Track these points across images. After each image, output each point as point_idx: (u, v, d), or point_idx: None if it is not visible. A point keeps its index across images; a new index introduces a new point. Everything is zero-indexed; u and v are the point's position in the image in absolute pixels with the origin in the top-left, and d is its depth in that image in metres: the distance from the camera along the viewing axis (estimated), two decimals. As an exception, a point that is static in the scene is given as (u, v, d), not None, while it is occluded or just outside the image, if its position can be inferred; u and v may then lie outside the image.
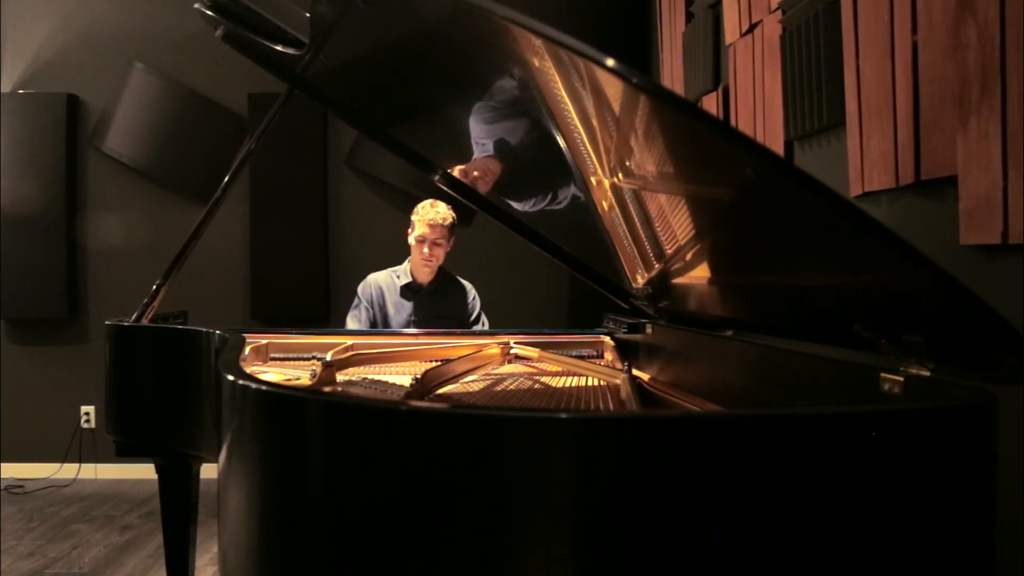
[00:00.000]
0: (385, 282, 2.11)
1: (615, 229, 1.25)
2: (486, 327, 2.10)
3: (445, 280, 2.12)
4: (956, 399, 0.65)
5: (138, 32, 3.04)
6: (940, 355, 0.70)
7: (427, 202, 2.07)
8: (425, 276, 2.09)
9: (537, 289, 2.91)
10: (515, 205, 1.50)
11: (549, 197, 1.40)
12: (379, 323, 2.09)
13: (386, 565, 0.64)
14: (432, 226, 2.02)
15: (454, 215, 2.06)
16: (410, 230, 2.07)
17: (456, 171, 1.50)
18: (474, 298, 2.13)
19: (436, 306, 2.09)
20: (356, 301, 2.12)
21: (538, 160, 1.36)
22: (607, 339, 1.55)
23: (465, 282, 2.15)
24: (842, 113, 1.31)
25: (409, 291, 2.10)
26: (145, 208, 3.07)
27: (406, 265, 2.11)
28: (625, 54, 1.31)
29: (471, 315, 2.11)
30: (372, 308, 2.10)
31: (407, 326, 2.06)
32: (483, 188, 1.49)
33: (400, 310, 2.09)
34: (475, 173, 1.46)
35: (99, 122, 3.06)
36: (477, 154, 1.43)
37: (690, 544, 0.58)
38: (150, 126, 3.04)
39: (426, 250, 2.02)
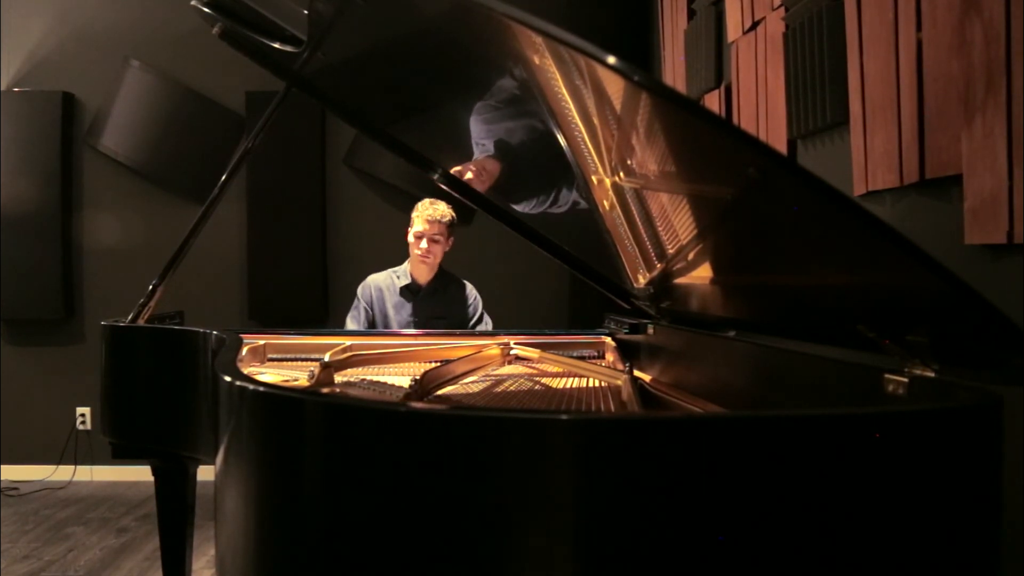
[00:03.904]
0: (384, 283, 2.11)
1: (616, 228, 1.24)
2: (490, 327, 2.10)
3: (445, 280, 2.11)
4: (961, 400, 0.64)
5: (134, 29, 3.03)
6: (945, 356, 0.69)
7: (427, 200, 2.08)
8: (424, 275, 2.08)
9: (538, 289, 2.91)
10: (517, 207, 1.49)
11: (551, 199, 1.40)
12: (379, 324, 2.08)
13: (385, 568, 0.63)
14: (430, 222, 2.02)
15: (453, 214, 2.06)
16: (409, 228, 2.07)
17: (453, 171, 1.49)
18: (475, 299, 2.12)
19: (436, 306, 2.09)
20: (355, 302, 2.12)
21: (538, 161, 1.36)
22: (608, 340, 1.55)
23: (465, 282, 2.14)
24: (846, 111, 1.30)
25: (408, 292, 2.09)
26: (141, 207, 3.05)
27: (406, 266, 2.11)
28: (626, 51, 1.31)
29: (472, 316, 2.11)
30: (371, 309, 2.10)
31: (407, 327, 2.05)
32: (479, 188, 1.49)
33: (400, 311, 2.09)
34: (468, 175, 1.46)
35: (95, 120, 3.05)
36: (477, 154, 1.42)
37: (693, 547, 0.57)
38: (146, 124, 3.02)
39: (424, 245, 2.02)
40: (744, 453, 0.58)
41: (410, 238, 2.06)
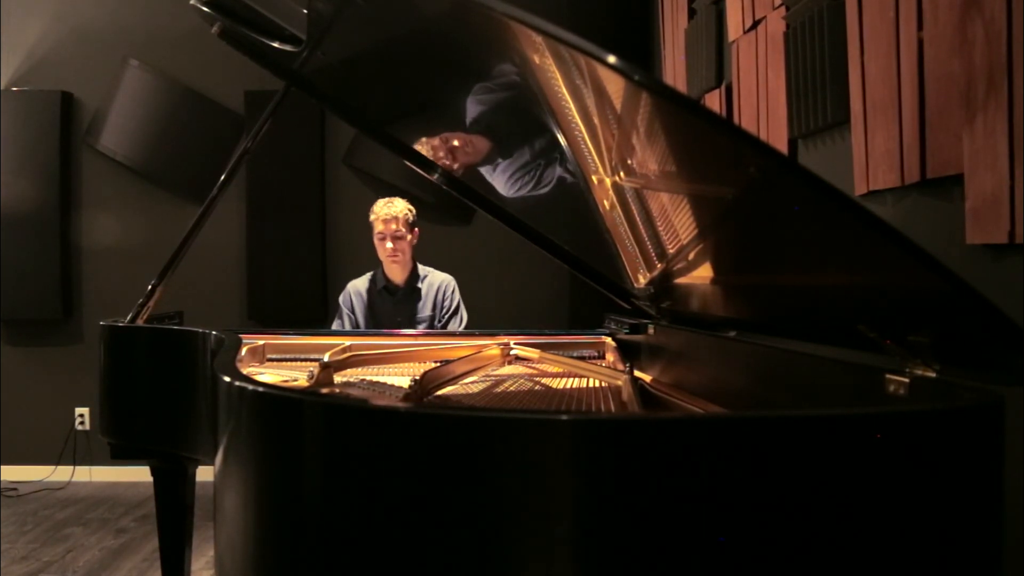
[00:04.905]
0: (363, 287, 2.13)
1: (616, 228, 1.24)
2: (464, 321, 2.10)
3: (420, 276, 2.12)
4: (962, 400, 0.64)
5: (133, 29, 3.02)
6: (946, 356, 0.69)
7: (381, 200, 2.10)
8: (397, 274, 2.09)
9: (538, 289, 2.90)
10: (499, 187, 1.48)
11: (533, 181, 1.39)
12: (362, 328, 2.09)
13: (383, 569, 0.63)
14: (387, 220, 2.04)
15: (411, 208, 2.08)
16: (373, 232, 2.07)
17: (437, 139, 1.48)
18: (452, 290, 2.12)
19: (415, 304, 2.10)
20: (339, 311, 2.13)
21: (525, 142, 1.35)
22: (608, 340, 1.54)
23: (441, 274, 2.14)
24: (847, 111, 1.30)
25: (387, 293, 2.10)
26: (140, 207, 3.05)
27: (381, 268, 2.12)
28: (627, 51, 1.30)
29: (445, 307, 2.10)
30: (354, 315, 2.10)
31: (390, 328, 2.06)
32: (462, 160, 1.47)
33: (381, 314, 2.10)
34: (456, 142, 1.44)
35: (94, 120, 3.04)
36: (468, 129, 1.41)
37: (694, 548, 0.57)
38: (145, 124, 3.02)
39: (389, 245, 2.04)
40: (745, 454, 0.58)
41: (376, 241, 2.07)
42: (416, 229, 2.09)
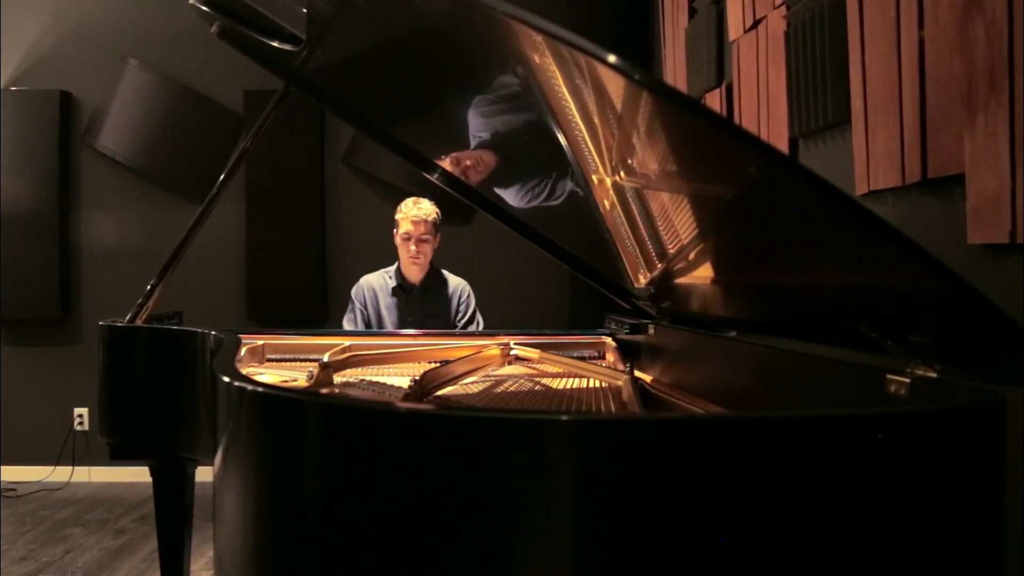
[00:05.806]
0: (377, 283, 2.12)
1: (617, 228, 1.24)
2: (480, 326, 2.10)
3: (437, 278, 2.12)
4: (963, 401, 0.64)
5: (132, 28, 3.02)
6: (947, 356, 0.69)
7: (410, 200, 2.08)
8: (415, 275, 2.09)
9: (538, 289, 2.90)
10: (510, 200, 1.49)
11: (545, 192, 1.39)
12: (373, 324, 2.09)
13: (383, 569, 0.63)
14: (416, 223, 2.02)
15: (438, 211, 2.07)
16: (395, 230, 2.07)
17: (448, 160, 1.49)
18: (468, 295, 2.12)
19: (429, 305, 2.09)
20: (350, 304, 2.13)
21: (535, 154, 1.35)
22: (609, 340, 1.54)
23: (457, 278, 2.14)
24: (847, 110, 1.30)
25: (401, 291, 2.10)
26: (139, 207, 3.05)
27: (397, 266, 2.11)
28: (627, 50, 1.30)
29: (464, 313, 2.10)
30: (366, 310, 2.10)
31: (401, 326, 2.05)
32: (475, 178, 1.48)
33: (393, 311, 2.09)
34: (467, 162, 1.45)
35: (93, 119, 3.04)
36: (473, 146, 1.41)
37: (694, 549, 0.57)
38: (144, 123, 3.02)
39: (413, 247, 2.03)
40: (746, 454, 0.58)
41: (398, 240, 2.06)
42: (439, 233, 2.07)
